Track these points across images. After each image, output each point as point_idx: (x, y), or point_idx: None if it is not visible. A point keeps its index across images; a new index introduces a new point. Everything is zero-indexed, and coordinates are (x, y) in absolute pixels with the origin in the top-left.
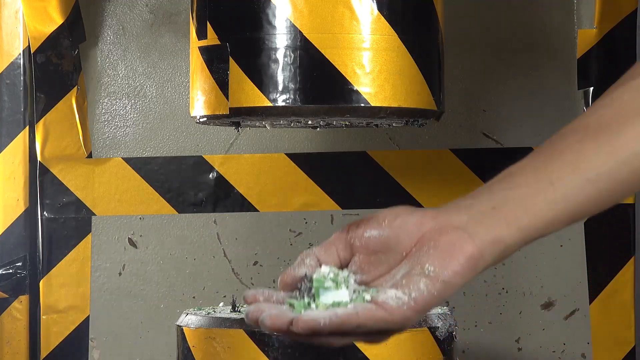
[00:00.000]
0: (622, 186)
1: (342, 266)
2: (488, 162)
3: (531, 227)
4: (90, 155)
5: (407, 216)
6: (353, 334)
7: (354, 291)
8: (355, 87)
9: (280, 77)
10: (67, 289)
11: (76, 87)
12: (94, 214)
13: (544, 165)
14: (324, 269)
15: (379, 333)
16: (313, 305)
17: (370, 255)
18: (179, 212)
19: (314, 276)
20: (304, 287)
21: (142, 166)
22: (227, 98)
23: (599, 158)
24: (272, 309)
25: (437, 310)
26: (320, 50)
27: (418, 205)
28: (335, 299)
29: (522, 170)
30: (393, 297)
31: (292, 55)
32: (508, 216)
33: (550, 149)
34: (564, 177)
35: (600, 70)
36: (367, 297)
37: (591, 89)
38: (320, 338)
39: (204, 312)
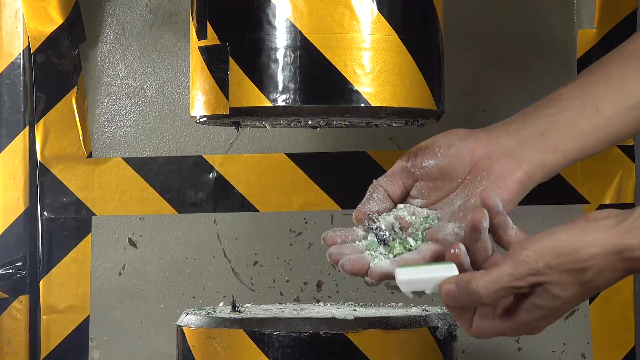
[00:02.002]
0: None
1: (408, 192)
2: None
3: (575, 150)
4: (90, 155)
5: (461, 144)
6: None
7: (418, 223)
8: (355, 87)
9: (280, 77)
10: (67, 289)
11: (76, 87)
12: (94, 214)
13: (591, 90)
14: (391, 217)
15: None
16: (383, 249)
17: (429, 182)
18: (179, 212)
19: (383, 226)
20: (375, 227)
21: (142, 166)
22: (227, 98)
23: None
24: (352, 254)
25: (437, 310)
26: (320, 50)
27: None
28: (405, 244)
29: (570, 93)
30: (451, 233)
31: (292, 55)
32: (554, 141)
33: (598, 72)
34: (609, 103)
35: None
36: (431, 222)
37: None
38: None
39: (204, 312)
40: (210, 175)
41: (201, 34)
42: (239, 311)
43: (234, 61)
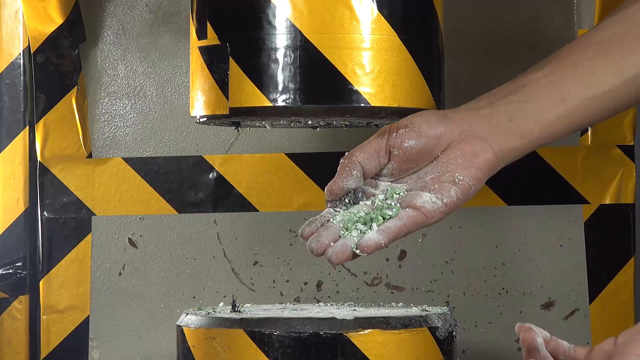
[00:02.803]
0: (626, 102)
1: (380, 169)
2: None
3: (541, 137)
4: (90, 155)
5: (438, 125)
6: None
7: (388, 190)
8: (355, 87)
9: (280, 77)
10: (67, 289)
11: (76, 87)
12: (94, 214)
13: (558, 80)
14: (380, 194)
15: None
16: (362, 226)
17: (403, 163)
18: (179, 212)
19: (377, 203)
20: (350, 198)
21: (142, 166)
22: (227, 98)
23: (607, 77)
24: (335, 245)
25: (437, 310)
26: (320, 50)
27: None
28: (383, 215)
29: (537, 83)
30: (429, 202)
31: (292, 55)
32: (521, 129)
33: (565, 62)
34: (574, 94)
35: None
36: (400, 194)
37: None
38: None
39: (204, 312)
40: (210, 175)
41: (201, 34)
42: (239, 311)
43: (234, 61)
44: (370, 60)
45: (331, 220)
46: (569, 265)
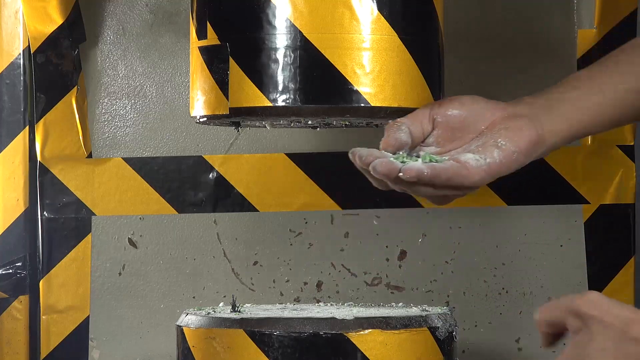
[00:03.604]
0: None
1: (423, 138)
2: None
3: (579, 123)
4: (90, 155)
5: (484, 103)
6: (441, 186)
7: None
8: (355, 87)
9: (280, 77)
10: (67, 289)
11: (76, 87)
12: (94, 214)
13: (598, 74)
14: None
15: (457, 187)
16: (409, 160)
17: (448, 131)
18: (179, 212)
19: (422, 153)
20: (407, 152)
21: (142, 166)
22: (227, 98)
23: None
24: (384, 160)
25: (437, 310)
26: (320, 50)
27: (417, 205)
28: (431, 158)
29: (579, 77)
30: (472, 159)
31: (292, 55)
32: (561, 113)
33: (605, 61)
34: (612, 86)
35: None
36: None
37: None
38: (419, 186)
39: (204, 312)
40: (210, 175)
41: (201, 34)
42: (239, 311)
43: (234, 61)
44: (370, 60)
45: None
46: (569, 265)
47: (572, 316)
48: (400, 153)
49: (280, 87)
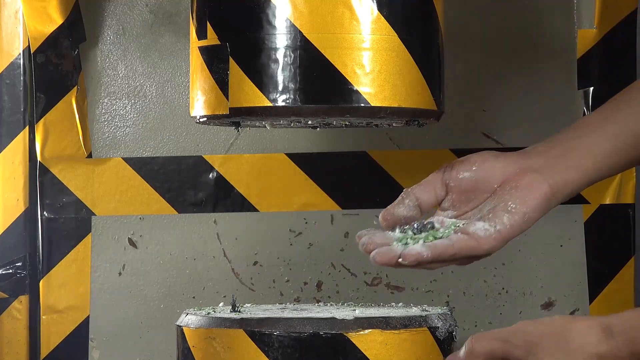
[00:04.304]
0: None
1: (438, 202)
2: None
3: (596, 170)
4: (90, 155)
5: (494, 160)
6: (450, 261)
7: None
8: (355, 87)
9: (280, 77)
10: (67, 289)
11: (76, 87)
12: (94, 214)
13: (612, 117)
14: (436, 220)
15: (468, 258)
16: (412, 241)
17: (461, 195)
18: (179, 212)
19: (416, 224)
20: (411, 228)
21: (142, 166)
22: (227, 98)
23: None
24: (382, 246)
25: (437, 310)
26: (320, 50)
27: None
28: (435, 235)
29: (591, 120)
30: (481, 229)
31: (292, 55)
32: (576, 162)
33: (619, 101)
34: (627, 129)
35: (600, 70)
36: (459, 225)
37: (591, 89)
38: (424, 265)
39: (204, 312)
40: (210, 175)
41: (201, 34)
42: (239, 311)
43: (234, 61)
44: (370, 60)
45: (390, 234)
46: (569, 265)
47: (512, 346)
48: (408, 227)
49: (280, 87)
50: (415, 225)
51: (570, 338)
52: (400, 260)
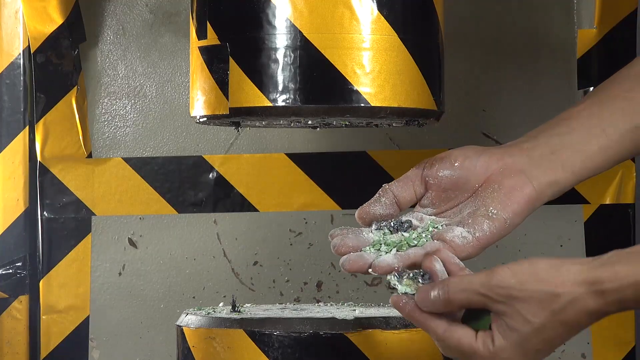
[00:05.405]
0: None
1: (417, 200)
2: None
3: (583, 170)
4: (90, 155)
5: (476, 158)
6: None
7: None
8: (355, 87)
9: (280, 77)
10: (67, 289)
11: (76, 87)
12: (94, 214)
13: (598, 112)
14: (420, 228)
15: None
16: (385, 247)
17: (441, 192)
18: (179, 212)
19: (392, 223)
20: (387, 225)
21: (142, 166)
22: (227, 98)
23: None
24: (353, 254)
25: None
26: (320, 50)
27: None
28: (409, 242)
29: (579, 115)
30: (459, 236)
31: (292, 55)
32: (564, 161)
33: (602, 95)
34: (614, 125)
35: (600, 70)
36: (438, 227)
37: (591, 89)
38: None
39: (204, 312)
40: (210, 175)
41: (201, 34)
42: (239, 311)
43: (234, 61)
44: (370, 60)
45: (365, 234)
46: None
47: (492, 301)
48: (385, 224)
49: (280, 87)
50: (392, 224)
51: (556, 296)
52: (370, 270)
